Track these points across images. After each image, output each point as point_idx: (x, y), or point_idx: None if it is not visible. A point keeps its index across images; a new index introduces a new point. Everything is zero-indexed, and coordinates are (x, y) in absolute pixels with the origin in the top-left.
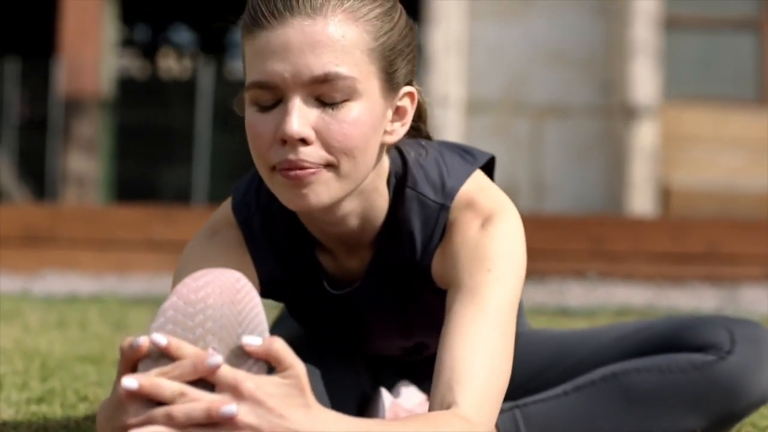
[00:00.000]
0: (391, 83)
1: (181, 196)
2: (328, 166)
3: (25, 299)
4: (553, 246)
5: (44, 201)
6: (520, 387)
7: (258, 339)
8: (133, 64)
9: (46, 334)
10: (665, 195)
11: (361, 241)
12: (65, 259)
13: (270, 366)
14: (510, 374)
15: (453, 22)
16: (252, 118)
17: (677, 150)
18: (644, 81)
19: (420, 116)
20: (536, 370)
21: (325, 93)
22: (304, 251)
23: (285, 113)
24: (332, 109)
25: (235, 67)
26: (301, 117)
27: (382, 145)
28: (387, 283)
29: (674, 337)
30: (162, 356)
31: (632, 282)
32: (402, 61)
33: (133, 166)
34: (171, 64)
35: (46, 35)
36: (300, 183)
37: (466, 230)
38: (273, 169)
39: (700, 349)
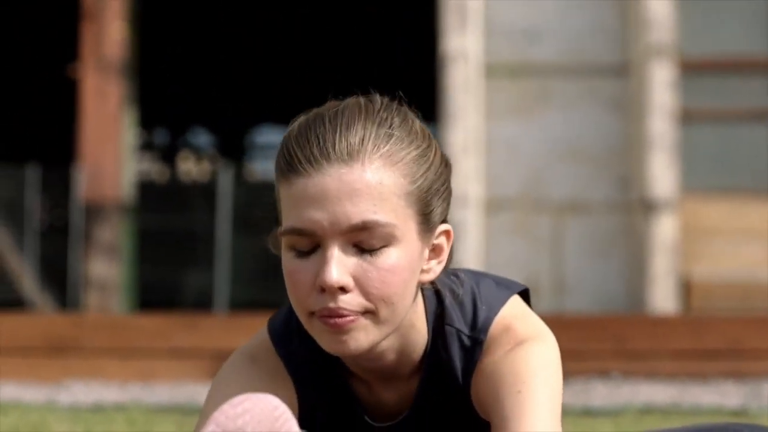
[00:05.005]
0: (428, 224)
1: (203, 300)
2: (367, 312)
3: (51, 410)
4: (575, 346)
5: (67, 307)
6: None
7: None
8: (153, 168)
9: None
10: (686, 289)
11: (398, 373)
12: (90, 368)
13: None
14: None
15: (470, 122)
16: (290, 264)
17: (697, 243)
18: (662, 175)
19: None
20: None
21: (364, 240)
22: (341, 383)
23: (324, 262)
24: (370, 255)
25: (254, 168)
26: (339, 266)
27: (418, 283)
28: (432, 415)
29: None
30: None
31: (655, 380)
32: (438, 200)
33: (155, 270)
34: (190, 167)
35: (66, 142)
36: (340, 330)
37: (498, 354)
38: (312, 314)
39: None
